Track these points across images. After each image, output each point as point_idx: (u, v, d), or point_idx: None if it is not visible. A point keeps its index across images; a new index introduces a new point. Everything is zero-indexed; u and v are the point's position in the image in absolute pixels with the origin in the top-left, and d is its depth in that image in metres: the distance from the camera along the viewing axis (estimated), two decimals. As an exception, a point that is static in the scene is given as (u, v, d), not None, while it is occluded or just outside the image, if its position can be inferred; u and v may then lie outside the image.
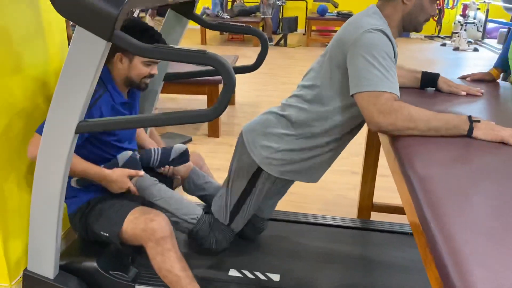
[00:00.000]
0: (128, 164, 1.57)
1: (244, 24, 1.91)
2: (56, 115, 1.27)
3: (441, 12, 8.97)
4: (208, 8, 8.37)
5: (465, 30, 8.26)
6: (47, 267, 1.49)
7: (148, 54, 1.18)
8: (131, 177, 1.56)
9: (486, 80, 1.93)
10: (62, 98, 1.25)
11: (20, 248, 1.60)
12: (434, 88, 1.74)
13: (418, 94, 1.69)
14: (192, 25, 1.81)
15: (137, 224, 1.47)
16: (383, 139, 1.51)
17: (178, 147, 1.74)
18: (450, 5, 9.01)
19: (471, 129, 1.24)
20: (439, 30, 9.33)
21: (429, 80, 1.74)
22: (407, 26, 1.48)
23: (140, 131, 1.88)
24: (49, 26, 1.65)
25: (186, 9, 1.78)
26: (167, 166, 1.76)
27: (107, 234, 1.53)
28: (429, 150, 1.18)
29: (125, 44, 1.15)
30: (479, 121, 1.26)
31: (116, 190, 1.54)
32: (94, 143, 1.55)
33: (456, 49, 7.95)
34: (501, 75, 1.97)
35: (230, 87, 1.14)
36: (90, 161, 1.52)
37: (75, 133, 1.28)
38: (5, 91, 1.45)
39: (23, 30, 1.51)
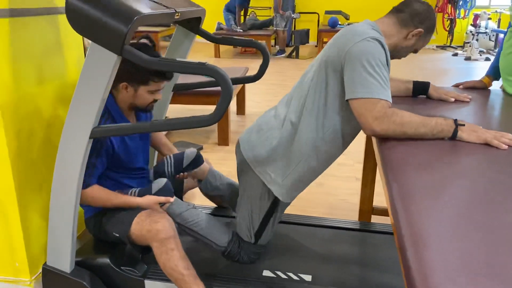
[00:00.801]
0: (161, 192, 1.65)
1: (247, 38, 2.04)
2: (72, 122, 1.41)
3: (452, 22, 9.01)
4: (221, 24, 8.60)
5: (477, 39, 8.28)
6: (64, 262, 1.62)
7: (154, 66, 1.31)
8: (162, 204, 1.65)
9: (477, 87, 2.02)
10: (78, 106, 1.39)
11: (39, 245, 1.74)
12: (425, 96, 1.84)
13: (411, 101, 1.80)
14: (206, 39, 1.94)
15: (143, 225, 1.58)
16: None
17: (189, 152, 1.82)
18: (462, 15, 9.03)
19: (455, 132, 1.34)
20: (451, 40, 9.35)
21: (420, 89, 1.84)
22: (394, 54, 1.57)
23: (157, 137, 2.00)
24: (67, 42, 1.80)
25: (193, 25, 1.92)
26: (182, 174, 1.85)
27: (118, 235, 1.65)
28: (412, 152, 1.27)
29: (134, 57, 1.29)
30: (463, 125, 1.35)
31: None
32: (112, 171, 1.68)
33: (468, 58, 7.97)
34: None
35: (227, 95, 1.26)
36: (112, 187, 1.65)
37: (90, 138, 1.42)
38: (28, 101, 1.60)
39: (44, 45, 1.66)
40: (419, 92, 1.85)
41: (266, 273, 1.72)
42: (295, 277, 1.69)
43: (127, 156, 1.70)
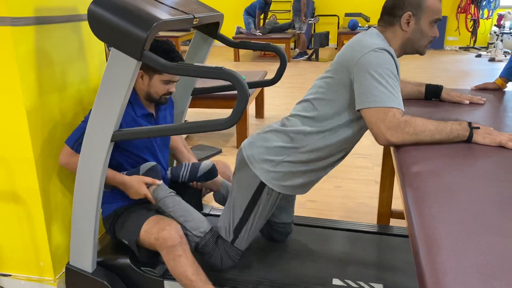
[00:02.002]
0: (148, 173, 1.68)
1: (266, 41, 2.06)
2: (94, 126, 1.46)
3: (476, 22, 8.86)
4: (241, 27, 8.66)
5: (501, 40, 8.12)
6: (86, 262, 1.67)
7: (173, 71, 1.34)
8: (148, 185, 1.67)
9: (489, 88, 2.00)
10: (99, 110, 1.43)
11: (63, 245, 1.79)
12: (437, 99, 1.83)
13: (424, 104, 1.79)
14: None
15: (150, 233, 1.61)
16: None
17: (206, 164, 1.87)
18: (485, 16, 8.88)
19: (471, 135, 1.33)
20: (474, 41, 9.20)
21: (432, 92, 1.82)
22: (409, 50, 1.53)
23: (177, 145, 2.04)
24: (89, 48, 1.85)
25: (211, 30, 1.95)
26: (195, 182, 1.91)
27: (126, 242, 1.69)
28: (428, 155, 1.26)
29: (153, 63, 1.32)
30: (478, 128, 1.34)
31: (133, 195, 1.65)
32: (118, 151, 1.71)
33: (492, 60, 7.82)
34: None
35: (243, 99, 1.28)
36: (113, 166, 1.68)
37: (111, 141, 1.46)
38: (51, 106, 1.65)
39: (68, 52, 1.72)
40: (432, 95, 1.83)
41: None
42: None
43: (140, 141, 1.72)
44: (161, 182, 1.70)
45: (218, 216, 1.97)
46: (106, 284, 1.64)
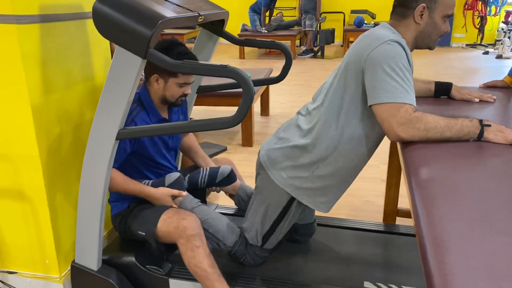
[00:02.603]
0: (174, 184, 1.70)
1: (272, 39, 2.04)
2: (99, 124, 1.45)
3: (483, 19, 8.79)
4: (246, 25, 8.64)
5: (508, 37, 8.04)
6: (92, 260, 1.67)
7: (177, 69, 1.34)
8: (174, 197, 1.70)
9: (498, 86, 1.98)
10: (104, 108, 1.43)
11: (69, 243, 1.79)
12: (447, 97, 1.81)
13: (434, 101, 1.77)
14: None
15: (170, 222, 1.61)
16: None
17: (224, 169, 1.87)
18: (493, 13, 8.79)
19: (481, 133, 1.31)
20: (482, 38, 9.11)
21: (442, 90, 1.81)
22: (420, 44, 1.52)
23: (193, 144, 2.03)
24: (95, 46, 1.85)
25: (216, 27, 1.94)
26: (214, 187, 1.91)
27: (144, 233, 1.68)
28: (436, 154, 1.25)
29: (157, 60, 1.32)
30: (489, 125, 1.32)
31: None
32: (136, 158, 1.72)
33: (499, 57, 7.75)
34: None
35: (248, 97, 1.27)
36: (131, 173, 1.69)
37: (116, 139, 1.46)
38: (56, 104, 1.65)
39: (73, 49, 1.72)
40: (441, 93, 1.81)
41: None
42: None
43: (153, 146, 1.73)
44: (186, 193, 1.72)
45: (223, 214, 1.98)
46: (111, 282, 1.64)
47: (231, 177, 1.87)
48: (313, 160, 1.55)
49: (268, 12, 8.54)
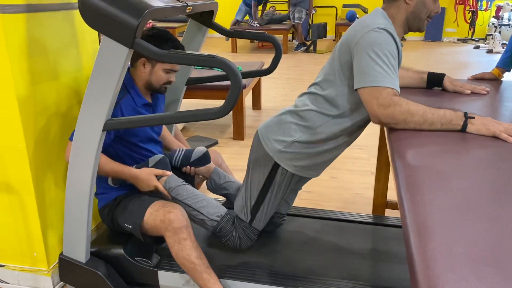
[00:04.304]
0: (158, 165, 1.71)
1: (260, 31, 2.04)
2: (86, 115, 1.44)
3: (474, 14, 8.83)
4: (237, 18, 8.60)
5: (499, 32, 8.09)
6: (80, 252, 1.66)
7: (165, 59, 1.32)
8: (159, 177, 1.70)
9: (486, 78, 2.00)
10: (91, 99, 1.42)
11: (56, 236, 1.78)
12: (440, 88, 1.81)
13: (425, 93, 1.78)
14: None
15: (156, 215, 1.61)
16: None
17: (199, 150, 1.88)
18: (484, 7, 8.84)
19: (465, 125, 1.32)
20: (473, 33, 9.16)
21: (435, 80, 1.82)
22: (412, 26, 1.55)
23: (167, 134, 2.04)
24: (82, 37, 1.83)
25: (206, 19, 1.93)
26: (188, 167, 1.91)
27: (130, 226, 1.67)
28: (422, 143, 1.26)
29: (144, 50, 1.30)
30: (473, 117, 1.33)
31: (144, 188, 1.68)
32: (121, 143, 1.71)
33: (490, 51, 7.80)
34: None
35: (236, 87, 1.27)
36: (117, 159, 1.68)
37: (103, 130, 1.45)
38: (43, 95, 1.64)
39: (60, 40, 1.70)
40: (434, 84, 1.82)
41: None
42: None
43: (138, 129, 1.72)
44: (170, 173, 1.72)
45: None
46: (99, 274, 1.63)
47: (206, 158, 1.88)
48: (299, 128, 1.60)
49: (261, 6, 8.51)
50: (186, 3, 1.55)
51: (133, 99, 1.68)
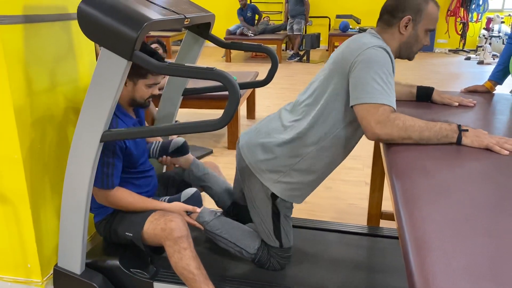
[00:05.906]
0: (190, 200, 1.70)
1: (258, 43, 2.05)
2: (83, 125, 1.44)
3: (465, 26, 8.95)
4: (232, 28, 8.65)
5: (489, 43, 8.21)
6: (75, 264, 1.65)
7: (164, 71, 1.33)
8: (189, 213, 1.70)
9: (479, 91, 2.04)
10: (89, 110, 1.42)
11: (51, 247, 1.77)
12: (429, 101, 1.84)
13: (415, 105, 1.80)
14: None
15: (157, 224, 1.60)
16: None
17: (177, 140, 1.90)
18: (475, 19, 8.97)
19: (459, 138, 1.34)
20: (464, 44, 9.28)
21: (424, 94, 1.84)
22: (402, 54, 1.58)
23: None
24: (79, 48, 1.83)
25: (203, 30, 1.94)
26: (165, 157, 1.93)
27: (131, 234, 1.66)
28: (418, 157, 1.27)
29: (143, 62, 1.31)
30: (467, 130, 1.35)
31: None
32: (124, 169, 1.68)
33: (481, 62, 7.90)
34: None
35: (234, 99, 1.28)
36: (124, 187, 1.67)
37: (100, 141, 1.45)
38: (40, 106, 1.63)
39: (57, 51, 1.70)
40: (423, 97, 1.85)
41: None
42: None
43: (137, 151, 1.71)
44: (201, 209, 1.73)
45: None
46: (94, 286, 1.62)
47: (184, 148, 1.90)
48: (292, 155, 1.59)
49: (257, 16, 8.57)
50: (184, 16, 1.56)
51: (122, 121, 1.65)
